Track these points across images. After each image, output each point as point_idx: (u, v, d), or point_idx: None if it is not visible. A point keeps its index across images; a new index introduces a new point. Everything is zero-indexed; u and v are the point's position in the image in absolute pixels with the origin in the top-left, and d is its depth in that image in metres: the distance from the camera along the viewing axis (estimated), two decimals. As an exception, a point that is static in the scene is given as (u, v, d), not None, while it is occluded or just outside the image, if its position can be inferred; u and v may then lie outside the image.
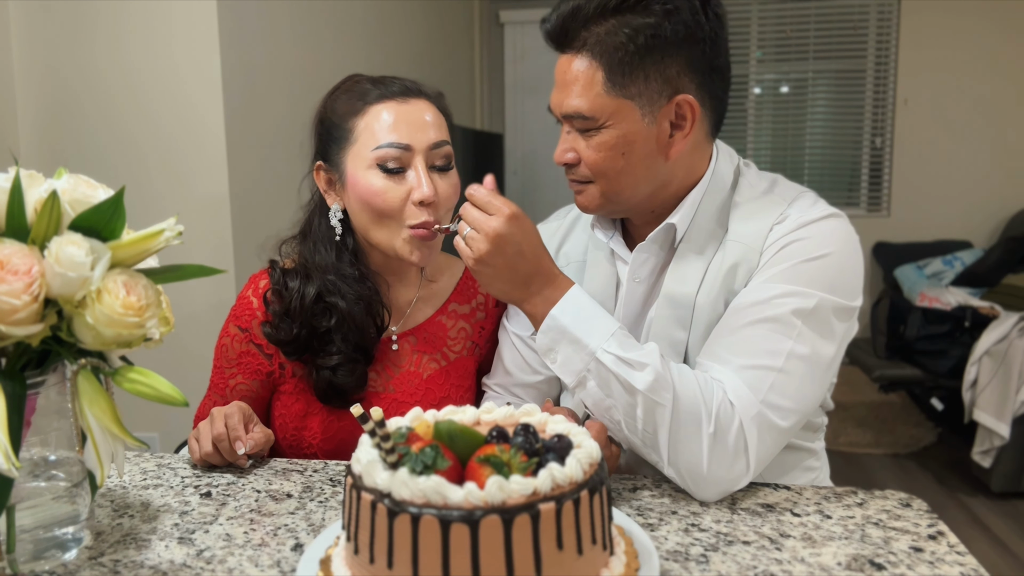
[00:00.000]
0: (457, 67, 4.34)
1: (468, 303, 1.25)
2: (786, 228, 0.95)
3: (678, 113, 0.94)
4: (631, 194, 0.98)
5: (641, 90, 0.92)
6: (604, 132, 0.94)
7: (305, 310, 1.10)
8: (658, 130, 0.94)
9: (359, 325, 1.11)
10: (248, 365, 1.15)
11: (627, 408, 0.86)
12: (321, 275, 1.12)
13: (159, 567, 0.75)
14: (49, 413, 0.73)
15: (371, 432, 0.63)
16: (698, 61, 0.93)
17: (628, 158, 0.94)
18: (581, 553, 0.61)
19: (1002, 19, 4.31)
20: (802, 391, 0.90)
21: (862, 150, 4.73)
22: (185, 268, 0.74)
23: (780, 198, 0.99)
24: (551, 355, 0.91)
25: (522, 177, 4.91)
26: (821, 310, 0.90)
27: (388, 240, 1.09)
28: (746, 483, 0.88)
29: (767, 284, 0.92)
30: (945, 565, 0.73)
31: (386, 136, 1.06)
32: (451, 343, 1.22)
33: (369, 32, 2.95)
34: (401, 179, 1.06)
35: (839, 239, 0.94)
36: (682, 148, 0.96)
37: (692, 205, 1.00)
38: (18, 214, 0.67)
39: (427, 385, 1.18)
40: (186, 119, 1.99)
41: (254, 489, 0.93)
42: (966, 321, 3.14)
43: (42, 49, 2.02)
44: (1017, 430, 2.73)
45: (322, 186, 1.15)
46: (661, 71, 0.92)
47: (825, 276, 0.91)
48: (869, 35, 4.60)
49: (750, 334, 0.90)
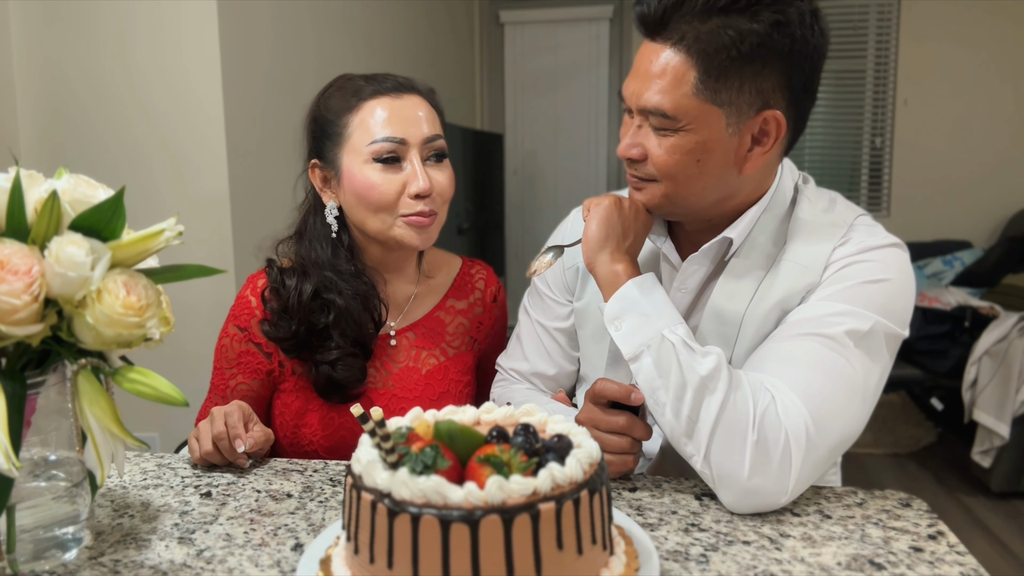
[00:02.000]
0: (457, 67, 4.34)
1: (466, 298, 1.26)
2: (848, 251, 0.93)
3: (763, 129, 0.90)
4: (695, 202, 0.95)
5: (732, 98, 0.87)
6: (683, 135, 0.89)
7: (303, 307, 1.11)
8: (739, 142, 0.90)
9: (357, 320, 1.12)
10: (248, 364, 1.16)
11: (677, 391, 0.84)
12: (318, 272, 1.13)
13: (159, 567, 0.75)
14: (49, 413, 0.73)
15: (371, 432, 0.63)
16: (796, 78, 0.88)
17: (702, 166, 0.90)
18: (581, 553, 0.61)
19: (1002, 19, 4.31)
20: (848, 412, 0.87)
21: (862, 150, 4.73)
22: (185, 268, 0.74)
23: (840, 220, 0.97)
24: (616, 323, 0.90)
25: (522, 177, 4.91)
26: (875, 334, 0.89)
27: (384, 230, 1.11)
28: (783, 504, 0.84)
29: (824, 302, 0.90)
30: (945, 565, 0.73)
31: (381, 131, 1.08)
32: (449, 338, 1.22)
33: (369, 32, 2.95)
34: (397, 172, 1.08)
35: (899, 268, 0.93)
36: (758, 164, 0.92)
37: (751, 221, 0.97)
38: (18, 214, 0.67)
39: (426, 380, 1.19)
40: (186, 119, 1.99)
41: (254, 489, 0.93)
42: (966, 321, 3.14)
43: (42, 49, 2.02)
44: (1017, 430, 2.73)
45: (317, 184, 1.16)
46: (757, 83, 0.87)
47: (882, 301, 0.90)
48: (869, 35, 4.60)
49: (802, 348, 0.88)
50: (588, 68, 4.79)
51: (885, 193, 4.68)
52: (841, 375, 0.87)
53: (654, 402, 0.87)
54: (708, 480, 0.86)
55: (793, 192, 1.00)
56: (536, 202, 4.87)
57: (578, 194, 4.54)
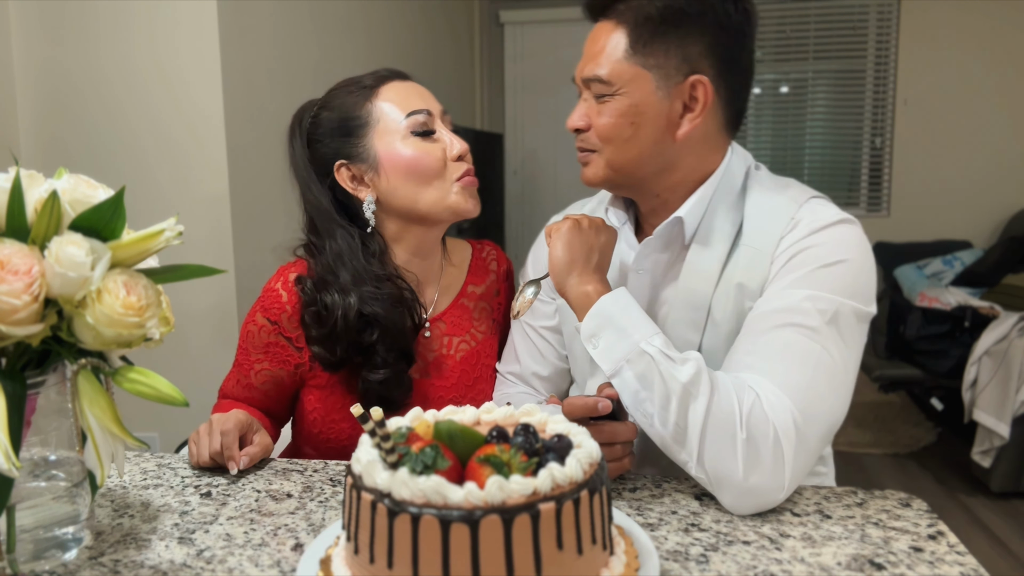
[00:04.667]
0: (457, 67, 4.34)
1: (483, 282, 1.27)
2: (799, 234, 0.94)
3: (692, 95, 0.96)
4: (635, 168, 0.99)
5: (660, 62, 0.95)
6: (617, 99, 0.96)
7: (350, 330, 1.08)
8: (670, 107, 0.96)
9: (401, 330, 1.11)
10: (276, 355, 1.15)
11: (662, 401, 0.85)
12: (356, 288, 1.09)
13: (159, 567, 0.75)
14: (49, 413, 0.73)
15: (371, 432, 0.63)
16: (719, 49, 0.96)
17: (636, 128, 0.96)
18: (581, 553, 0.61)
19: (1002, 19, 4.31)
20: (831, 397, 0.88)
21: (862, 150, 4.73)
22: (185, 268, 0.74)
23: (792, 201, 0.98)
24: (593, 340, 0.90)
25: (522, 177, 4.91)
26: (843, 315, 0.89)
27: (440, 199, 1.11)
28: (782, 499, 0.85)
29: (788, 290, 0.91)
30: (945, 565, 0.73)
31: (409, 105, 1.11)
32: (476, 323, 1.23)
33: (369, 32, 2.95)
34: (433, 141, 1.11)
35: (853, 245, 0.93)
36: (690, 132, 0.97)
37: (701, 201, 0.99)
38: (18, 214, 0.67)
39: (461, 367, 1.19)
40: (187, 119, 1.99)
41: (254, 489, 0.93)
42: (966, 321, 3.14)
43: (42, 48, 2.02)
44: (1017, 430, 2.73)
45: (348, 185, 1.14)
46: (682, 48, 0.95)
47: (844, 282, 0.91)
48: (869, 35, 4.60)
49: (777, 339, 0.89)
50: (588, 68, 4.78)
51: (885, 193, 4.68)
52: (819, 362, 0.87)
53: (642, 414, 0.87)
54: (706, 484, 0.86)
55: (744, 177, 1.02)
56: (536, 202, 4.86)
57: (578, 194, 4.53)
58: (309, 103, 1.20)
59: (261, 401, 1.17)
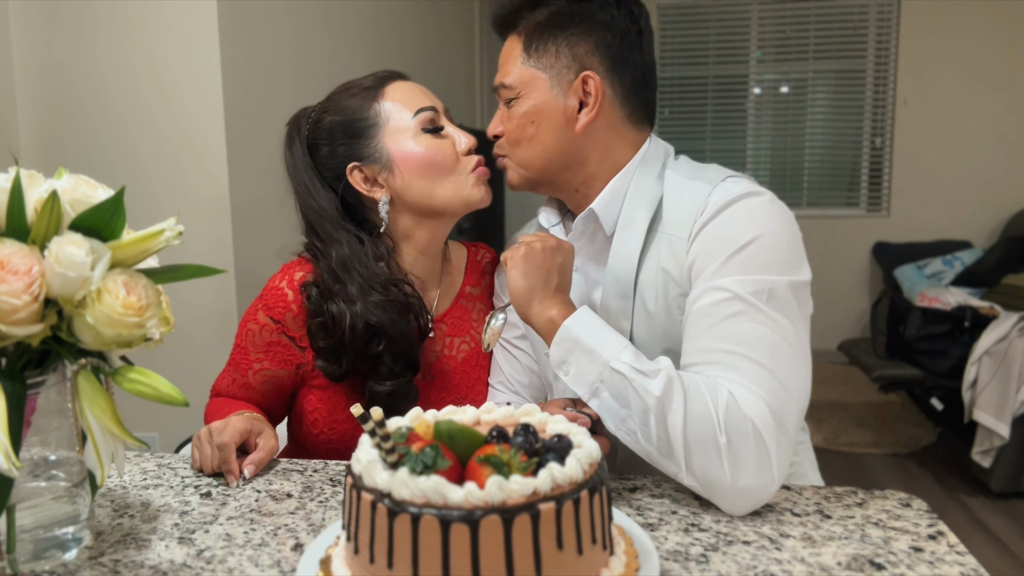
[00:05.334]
0: (457, 67, 4.34)
1: (479, 284, 1.28)
2: (706, 217, 0.94)
3: (584, 90, 1.01)
4: (544, 164, 1.04)
5: (552, 63, 1.02)
6: (520, 102, 1.03)
7: (357, 341, 1.08)
8: (565, 104, 1.02)
9: (408, 340, 1.10)
10: (278, 355, 1.13)
11: (642, 416, 0.84)
12: (363, 296, 1.08)
13: (159, 567, 0.75)
14: (49, 413, 0.73)
15: (371, 432, 0.63)
16: (605, 48, 1.02)
17: (538, 127, 1.03)
18: (581, 553, 0.61)
19: (1002, 19, 4.31)
20: (796, 376, 0.87)
21: (862, 150, 4.73)
22: (185, 268, 0.74)
23: (707, 183, 0.98)
24: (564, 367, 0.90)
25: (522, 177, 4.90)
26: (777, 291, 0.89)
27: (456, 192, 1.13)
28: (775, 492, 0.85)
29: (716, 280, 0.90)
30: (945, 565, 0.73)
31: (416, 103, 1.13)
32: (475, 324, 1.24)
33: (369, 32, 2.95)
34: (443, 137, 1.14)
35: (763, 219, 0.92)
36: (589, 124, 1.02)
37: (614, 192, 1.03)
38: (18, 214, 0.67)
39: (463, 367, 1.20)
40: (187, 119, 1.99)
41: (254, 489, 0.93)
42: (966, 321, 3.14)
43: (42, 49, 2.02)
44: (1017, 430, 2.73)
45: (361, 187, 1.13)
46: (570, 48, 1.01)
47: (765, 258, 0.90)
48: (869, 35, 4.60)
49: (726, 331, 0.88)
50: (588, 68, 4.78)
51: (885, 193, 4.68)
52: (773, 343, 0.87)
53: (626, 432, 0.87)
54: (699, 492, 0.86)
55: (661, 167, 1.04)
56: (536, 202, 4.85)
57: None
58: (305, 109, 1.19)
59: (258, 401, 1.16)
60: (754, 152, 4.86)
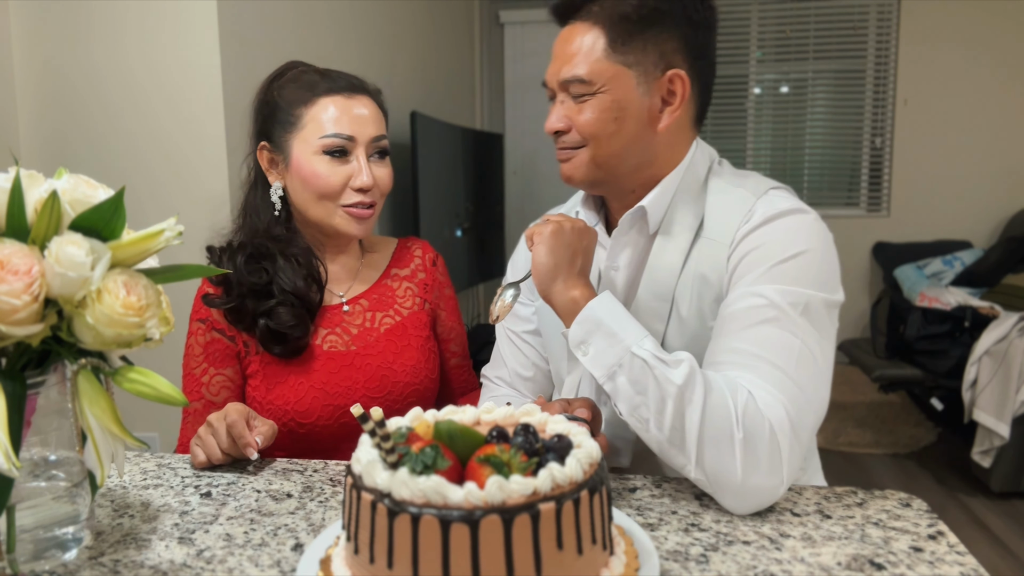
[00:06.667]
0: (457, 67, 4.34)
1: (407, 266, 1.34)
2: (752, 224, 0.95)
3: (669, 89, 0.98)
4: (618, 162, 1.00)
5: (639, 59, 0.97)
6: (600, 97, 0.97)
7: (240, 271, 1.17)
8: (650, 101, 0.98)
9: (293, 275, 1.18)
10: (215, 353, 1.20)
11: (658, 405, 0.84)
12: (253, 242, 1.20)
13: (159, 567, 0.75)
14: (49, 413, 0.73)
15: (371, 432, 0.63)
16: (692, 42, 0.99)
17: (620, 124, 0.98)
18: (581, 553, 0.61)
19: (1002, 19, 4.31)
20: (817, 390, 0.88)
21: (862, 150, 4.73)
22: (185, 268, 0.74)
23: (750, 193, 0.98)
24: (583, 347, 0.90)
25: (522, 177, 4.91)
26: (813, 306, 0.90)
27: (326, 217, 1.19)
28: (781, 495, 0.85)
29: (755, 287, 0.91)
30: (945, 565, 0.73)
31: (333, 127, 1.16)
32: (400, 300, 1.30)
33: (369, 32, 2.95)
34: (343, 164, 1.17)
35: (808, 235, 0.94)
36: (669, 124, 0.99)
37: (664, 191, 1.01)
38: (18, 214, 0.67)
39: (387, 337, 1.25)
40: (187, 119, 1.99)
41: (254, 489, 0.93)
42: (966, 321, 3.14)
43: (42, 48, 2.02)
44: (1017, 430, 2.73)
45: (264, 165, 1.23)
46: (659, 44, 0.97)
47: (807, 273, 0.91)
48: (869, 35, 4.60)
49: (756, 335, 0.89)
50: (588, 68, 4.78)
51: (885, 193, 4.68)
52: (800, 355, 0.88)
53: (637, 419, 0.87)
54: (704, 487, 0.85)
55: (707, 171, 1.03)
56: (536, 202, 4.86)
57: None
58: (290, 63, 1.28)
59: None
60: (754, 152, 4.86)
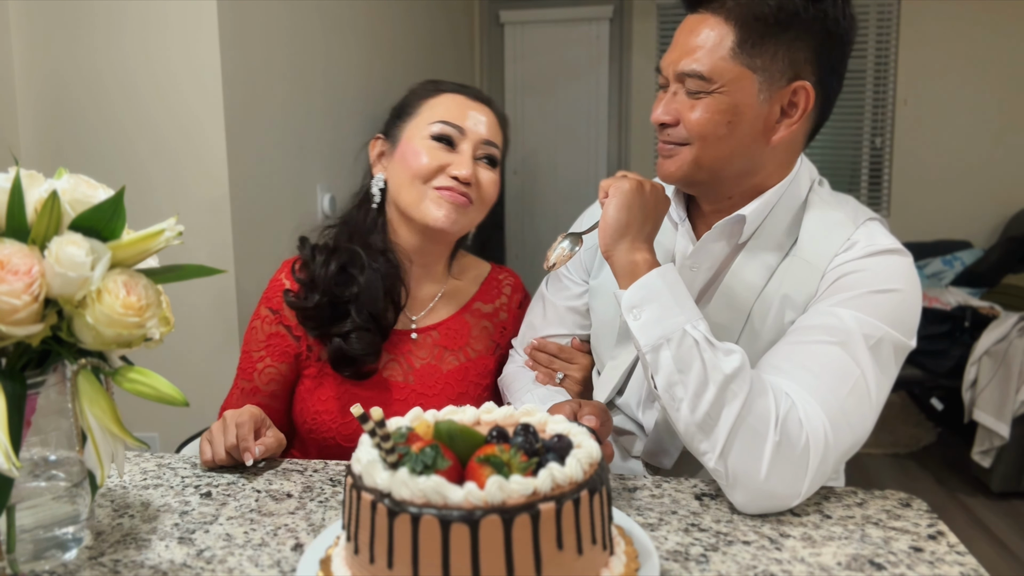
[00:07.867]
0: (457, 67, 4.34)
1: (492, 302, 1.28)
2: (853, 254, 0.93)
3: (792, 100, 0.94)
4: (722, 167, 0.96)
5: (767, 64, 0.92)
6: (716, 96, 0.92)
7: (329, 278, 1.15)
8: (769, 110, 0.93)
9: (375, 297, 1.15)
10: (276, 347, 1.18)
11: (697, 388, 0.82)
12: (349, 247, 1.17)
13: (159, 567, 0.75)
14: (49, 413, 0.73)
15: (371, 432, 0.63)
16: (825, 55, 0.93)
17: (732, 128, 0.93)
18: (581, 553, 0.61)
19: (1002, 19, 4.31)
20: (860, 420, 0.87)
21: (862, 150, 4.73)
22: (185, 268, 0.74)
23: (850, 220, 0.96)
24: (635, 312, 0.87)
25: (522, 177, 4.91)
26: (885, 344, 0.89)
27: (415, 202, 1.15)
28: (792, 506, 0.84)
29: (836, 308, 0.90)
30: (945, 565, 0.73)
31: (446, 115, 1.16)
32: (473, 341, 1.24)
33: (369, 32, 2.95)
34: (447, 152, 1.15)
35: (905, 277, 0.93)
36: (784, 136, 0.95)
37: (766, 204, 0.98)
38: (18, 214, 0.67)
39: (446, 379, 1.20)
40: (186, 119, 1.99)
41: (254, 489, 0.93)
42: (966, 321, 3.14)
43: (43, 48, 2.02)
44: (1017, 430, 2.73)
45: (373, 156, 1.23)
46: (791, 52, 0.92)
47: (893, 311, 0.90)
48: (869, 35, 4.60)
49: (818, 352, 0.87)
50: (588, 68, 4.78)
51: (885, 193, 4.68)
52: (856, 384, 0.86)
53: (670, 397, 0.85)
54: (720, 478, 0.84)
55: (808, 191, 1.00)
56: (536, 202, 4.86)
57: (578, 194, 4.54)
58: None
59: (265, 407, 1.18)
60: (754, 152, 4.86)
